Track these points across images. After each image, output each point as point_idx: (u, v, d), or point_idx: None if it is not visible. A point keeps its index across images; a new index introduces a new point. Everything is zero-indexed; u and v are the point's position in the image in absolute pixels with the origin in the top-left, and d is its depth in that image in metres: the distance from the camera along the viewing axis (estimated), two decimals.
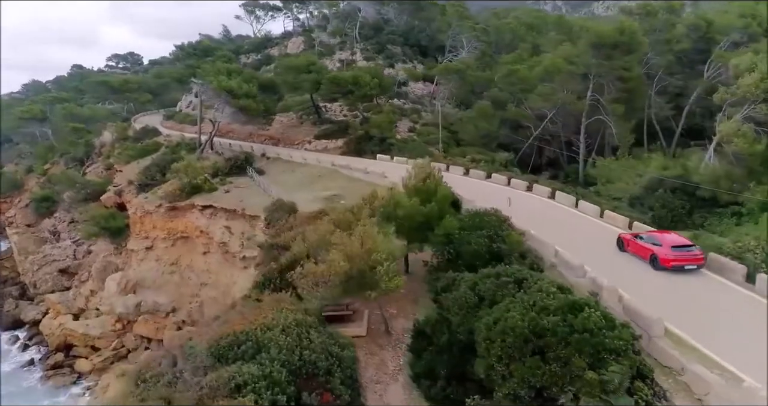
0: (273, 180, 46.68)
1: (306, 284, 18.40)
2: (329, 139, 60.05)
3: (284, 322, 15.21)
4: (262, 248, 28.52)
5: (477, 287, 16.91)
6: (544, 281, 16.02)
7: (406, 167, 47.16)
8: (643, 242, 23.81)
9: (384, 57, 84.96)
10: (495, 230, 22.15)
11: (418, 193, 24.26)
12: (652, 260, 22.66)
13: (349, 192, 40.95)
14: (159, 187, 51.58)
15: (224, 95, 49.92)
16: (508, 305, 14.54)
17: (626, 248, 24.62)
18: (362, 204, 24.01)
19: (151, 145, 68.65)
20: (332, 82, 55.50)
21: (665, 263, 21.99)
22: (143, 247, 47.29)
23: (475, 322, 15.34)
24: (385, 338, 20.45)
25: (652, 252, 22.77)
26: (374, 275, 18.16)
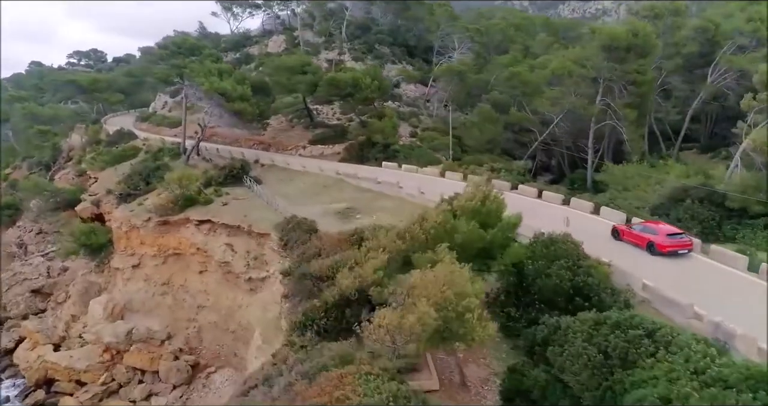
0: (272, 190, 43.06)
1: (379, 335, 15.21)
2: (325, 144, 56.54)
3: (379, 398, 11.97)
4: (289, 275, 25.05)
5: (594, 340, 14.06)
6: (685, 336, 13.27)
7: (418, 176, 44.73)
8: (638, 231, 26.26)
9: (373, 57, 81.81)
10: (573, 260, 19.37)
11: (475, 215, 21.29)
12: (650, 247, 25.08)
13: (363, 205, 37.87)
14: (144, 198, 47.25)
15: (216, 98, 45.88)
16: (665, 373, 11.69)
17: (622, 237, 27.08)
18: (413, 227, 20.87)
19: (128, 150, 63.70)
20: (330, 84, 52.02)
21: (662, 248, 24.54)
22: (129, 265, 42.93)
23: (612, 389, 12.48)
24: (462, 392, 17.43)
25: (648, 240, 25.25)
26: (464, 323, 15.13)
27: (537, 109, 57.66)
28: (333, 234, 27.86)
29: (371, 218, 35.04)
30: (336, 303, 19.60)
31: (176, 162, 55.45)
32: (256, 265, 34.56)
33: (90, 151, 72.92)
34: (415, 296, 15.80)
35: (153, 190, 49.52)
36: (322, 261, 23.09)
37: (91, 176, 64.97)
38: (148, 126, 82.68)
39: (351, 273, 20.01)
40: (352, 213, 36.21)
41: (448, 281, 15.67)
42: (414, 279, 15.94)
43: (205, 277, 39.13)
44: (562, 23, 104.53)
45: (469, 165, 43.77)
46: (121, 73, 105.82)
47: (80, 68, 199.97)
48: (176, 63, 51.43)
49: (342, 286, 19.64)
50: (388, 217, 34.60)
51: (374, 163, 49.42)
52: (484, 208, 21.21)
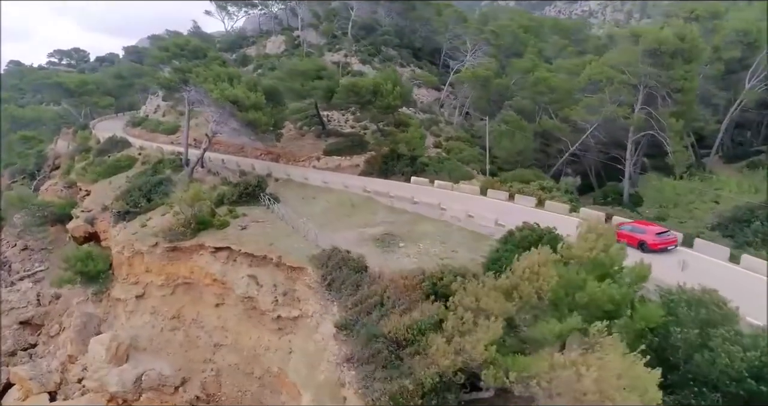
0: (294, 211, 38.56)
1: None
2: (341, 155, 52.08)
3: None
4: (346, 329, 20.69)
5: None
6: None
7: (457, 195, 40.44)
8: (629, 231, 28.03)
9: (380, 60, 77.54)
10: (734, 328, 15.36)
11: (596, 267, 17.22)
12: (641, 245, 26.91)
13: (402, 230, 33.59)
14: (147, 218, 42.44)
15: (228, 107, 41.22)
16: None
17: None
18: (522, 284, 16.69)
19: (123, 160, 58.63)
20: (349, 91, 47.63)
21: (653, 246, 26.58)
22: (132, 295, 38.14)
23: None
24: None
25: (639, 239, 27.18)
26: None
27: (568, 117, 54.02)
28: (392, 275, 23.51)
29: (417, 246, 30.86)
30: (434, 386, 15.35)
31: (179, 175, 50.58)
32: (286, 302, 30.09)
33: (79, 160, 67.55)
34: (577, 392, 11.65)
35: (155, 208, 44.88)
36: (395, 319, 18.78)
37: (82, 189, 59.77)
38: (140, 132, 77.26)
39: (449, 346, 15.77)
40: (392, 240, 31.90)
41: (628, 376, 11.53)
42: (568, 368, 11.72)
43: (223, 311, 34.53)
44: (572, 25, 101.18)
45: (511, 182, 39.71)
46: (109, 74, 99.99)
47: (62, 68, 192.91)
48: (180, 67, 46.64)
49: (441, 364, 15.39)
50: (438, 246, 30.47)
51: (400, 178, 45.18)
52: (606, 257, 17.13)
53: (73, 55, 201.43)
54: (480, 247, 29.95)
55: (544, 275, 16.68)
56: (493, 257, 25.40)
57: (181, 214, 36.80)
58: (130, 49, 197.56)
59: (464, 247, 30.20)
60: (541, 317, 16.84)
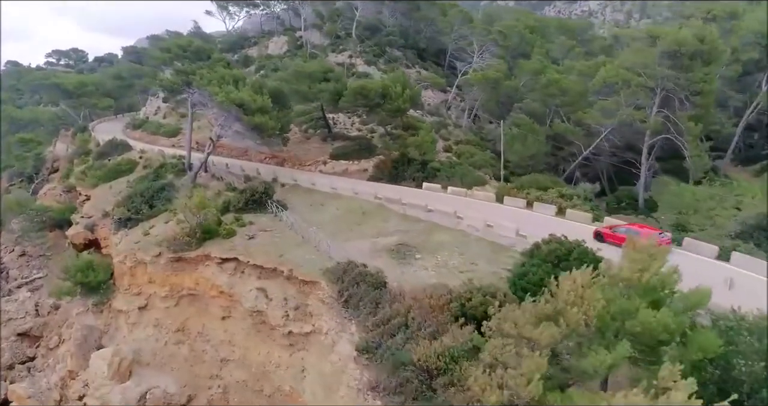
0: (303, 218, 37.15)
1: None
2: (349, 159, 50.66)
3: None
4: (368, 352, 19.27)
5: None
6: None
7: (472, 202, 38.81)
8: (623, 233, 28.55)
9: (385, 61, 76.11)
10: None
11: (648, 292, 15.81)
12: None
13: (417, 239, 32.21)
14: (150, 225, 41.02)
15: (234, 110, 39.76)
16: None
17: (606, 239, 29.42)
18: (568, 308, 15.27)
19: (123, 164, 57.10)
20: (358, 94, 46.21)
21: None
22: (135, 306, 36.69)
23: None
24: None
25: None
26: None
27: (581, 120, 52.65)
28: (414, 292, 22.09)
29: (434, 258, 29.48)
30: None
31: (182, 180, 49.14)
32: (297, 317, 28.66)
33: (78, 163, 66.03)
34: None
35: (158, 215, 43.46)
36: (424, 345, 17.36)
37: (82, 193, 58.25)
38: (141, 134, 75.77)
39: (492, 378, 14.36)
40: (408, 251, 30.54)
41: None
42: None
43: (230, 324, 33.07)
44: (578, 25, 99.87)
45: (528, 188, 38.31)
46: (108, 75, 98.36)
47: (60, 68, 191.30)
48: (183, 69, 45.16)
49: (485, 400, 13.98)
50: (456, 258, 29.10)
51: (411, 184, 43.78)
52: (659, 281, 15.74)
53: (71, 55, 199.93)
54: (501, 259, 28.61)
55: (590, 299, 15.27)
56: (518, 271, 24.04)
57: (186, 222, 35.36)
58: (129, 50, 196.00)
59: (484, 259, 28.84)
60: (586, 345, 15.45)
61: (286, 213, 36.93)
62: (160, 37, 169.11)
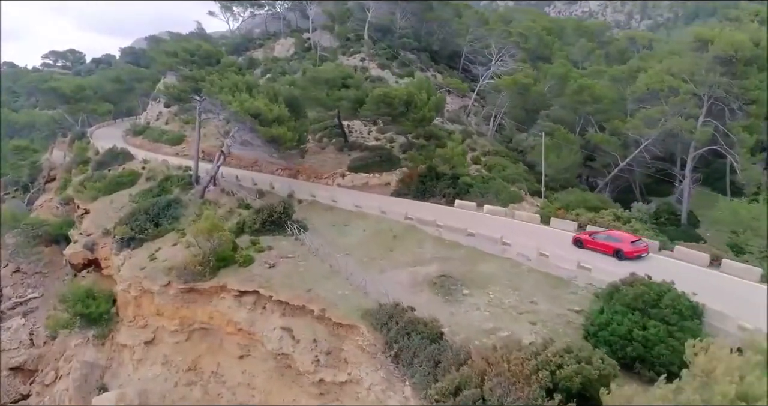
0: (327, 241, 33.53)
1: None
2: (369, 172, 46.93)
3: None
4: None
5: None
6: None
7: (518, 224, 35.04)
8: (603, 240, 28.12)
9: (399, 64, 72.42)
10: None
11: None
12: (617, 253, 27.10)
13: (459, 269, 28.54)
14: (155, 248, 37.30)
15: (249, 121, 36.06)
16: None
17: (585, 245, 28.70)
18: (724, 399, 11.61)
19: (125, 175, 53.36)
20: (381, 102, 42.53)
21: (629, 254, 26.78)
22: (141, 340, 32.98)
23: None
24: None
25: (615, 247, 27.25)
26: None
27: (617, 129, 49.11)
28: (484, 352, 18.33)
29: (485, 294, 25.82)
30: None
31: (189, 194, 45.47)
32: (330, 363, 24.97)
33: (77, 173, 62.26)
34: None
35: (164, 235, 39.77)
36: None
37: (80, 207, 54.44)
38: (142, 141, 71.93)
39: None
40: (453, 285, 26.87)
41: None
42: None
43: (248, 365, 29.38)
44: (595, 26, 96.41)
45: (574, 208, 34.65)
46: (108, 78, 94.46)
47: (57, 70, 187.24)
48: (191, 75, 41.46)
49: None
50: (511, 295, 25.43)
51: (441, 201, 40.08)
52: None
53: (68, 56, 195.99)
54: (563, 296, 25.00)
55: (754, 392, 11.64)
56: (598, 320, 20.43)
57: (197, 247, 31.62)
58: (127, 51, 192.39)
59: (543, 296, 25.19)
60: None
61: (308, 235, 33.23)
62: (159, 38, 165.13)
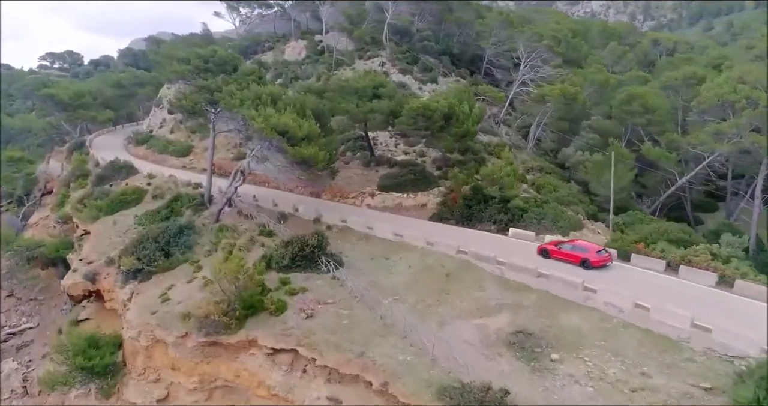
0: (367, 279, 28.84)
1: None
2: (402, 191, 42.19)
3: None
4: None
5: None
6: None
7: None
8: (569, 250, 28.91)
9: (420, 69, 67.68)
10: None
11: None
12: (583, 262, 28.00)
13: (537, 322, 23.84)
14: (168, 285, 32.47)
15: (276, 139, 31.26)
16: None
17: (552, 256, 29.29)
18: None
19: (129, 193, 48.47)
20: (419, 115, 37.83)
21: (595, 264, 27.84)
22: (153, 398, 28.17)
23: None
24: None
25: (582, 257, 28.16)
26: None
27: (673, 142, 44.49)
28: None
29: (580, 360, 21.10)
30: None
31: (202, 217, 40.69)
32: None
33: (75, 188, 57.36)
34: None
35: (175, 267, 34.98)
36: None
37: (79, 227, 49.52)
38: (146, 151, 67.13)
39: None
40: (536, 346, 22.16)
41: None
42: None
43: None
44: (622, 28, 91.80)
45: (654, 241, 29.93)
46: (108, 83, 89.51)
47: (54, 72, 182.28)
48: (206, 84, 36.64)
49: None
50: (614, 364, 20.70)
51: (492, 228, 35.35)
52: None
53: (66, 58, 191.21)
54: (679, 365, 20.32)
55: None
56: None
57: (218, 289, 26.82)
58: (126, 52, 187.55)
59: (654, 364, 20.50)
60: None
61: (345, 272, 28.48)
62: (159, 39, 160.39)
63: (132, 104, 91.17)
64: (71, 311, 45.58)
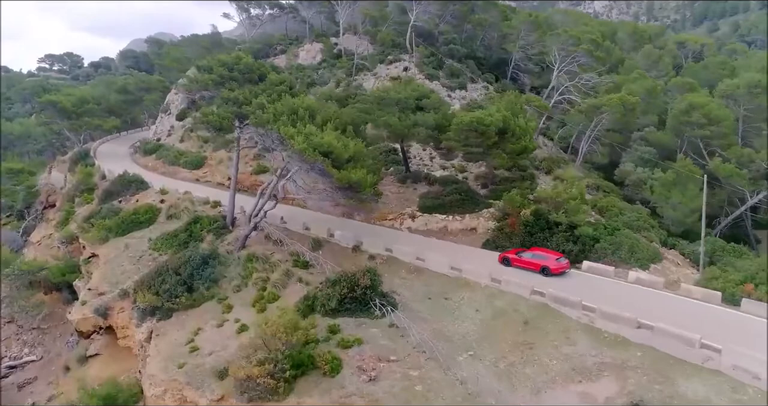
0: (429, 328, 24.68)
1: None
2: (446, 213, 38.01)
3: None
4: None
5: None
6: None
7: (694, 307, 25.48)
8: (530, 258, 29.55)
9: (447, 74, 63.55)
10: None
11: None
12: (544, 270, 28.74)
13: (650, 389, 19.70)
14: (194, 329, 28.26)
15: (320, 162, 27.07)
16: None
17: (513, 264, 29.90)
18: None
19: (141, 212, 44.24)
20: (471, 130, 33.65)
21: (555, 271, 28.64)
22: None
23: None
24: None
25: (542, 265, 28.90)
26: None
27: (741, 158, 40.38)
28: None
29: None
30: None
31: (225, 242, 36.50)
32: None
33: (80, 203, 53.17)
34: None
35: (200, 304, 30.83)
36: None
37: (86, 248, 45.31)
38: (155, 162, 62.77)
39: None
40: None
41: None
42: None
43: None
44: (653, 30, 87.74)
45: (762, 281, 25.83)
46: (113, 87, 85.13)
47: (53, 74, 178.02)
48: (234, 97, 32.42)
49: None
50: None
51: None
52: None
53: (65, 60, 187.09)
54: None
55: None
56: None
57: (259, 342, 22.61)
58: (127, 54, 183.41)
59: None
60: None
61: (403, 317, 24.33)
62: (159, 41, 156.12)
63: (137, 110, 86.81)
64: (78, 344, 41.48)
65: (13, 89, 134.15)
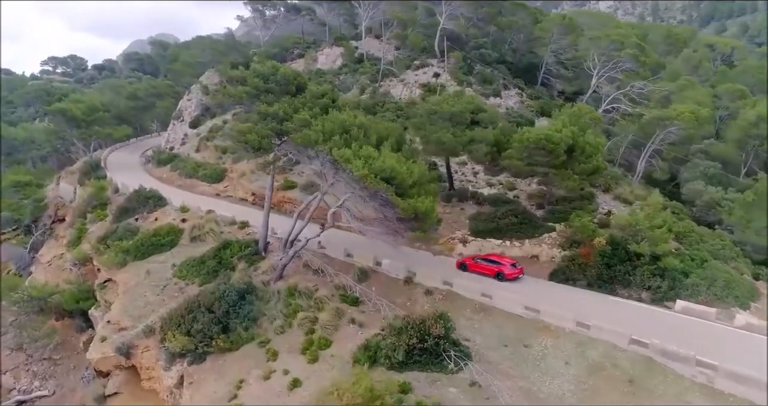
0: (513, 385, 21.05)
1: None
2: (501, 238, 34.37)
3: None
4: None
5: None
6: None
7: None
8: (485, 263, 30.52)
9: (479, 80, 59.97)
10: None
11: None
12: (498, 275, 29.66)
13: None
14: (234, 377, 24.74)
15: (383, 189, 23.46)
16: None
17: (470, 269, 30.83)
18: None
19: (162, 234, 40.64)
20: (538, 149, 30.04)
21: (509, 276, 29.60)
22: None
23: None
24: None
25: (497, 270, 29.81)
26: None
27: None
28: None
29: None
30: None
31: (260, 272, 32.87)
32: None
33: (93, 220, 49.61)
34: None
35: (239, 347, 27.28)
36: None
37: (101, 271, 41.75)
38: (170, 174, 59.22)
39: None
40: None
41: None
42: None
43: None
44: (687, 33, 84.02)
45: None
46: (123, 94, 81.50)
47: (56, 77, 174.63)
48: (272, 111, 28.81)
49: None
50: None
51: (644, 296, 27.56)
52: None
53: (69, 62, 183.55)
54: None
55: None
56: None
57: None
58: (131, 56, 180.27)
59: None
60: None
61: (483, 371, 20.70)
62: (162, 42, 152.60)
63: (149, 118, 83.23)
64: (94, 379, 37.86)
65: (15, 93, 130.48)
